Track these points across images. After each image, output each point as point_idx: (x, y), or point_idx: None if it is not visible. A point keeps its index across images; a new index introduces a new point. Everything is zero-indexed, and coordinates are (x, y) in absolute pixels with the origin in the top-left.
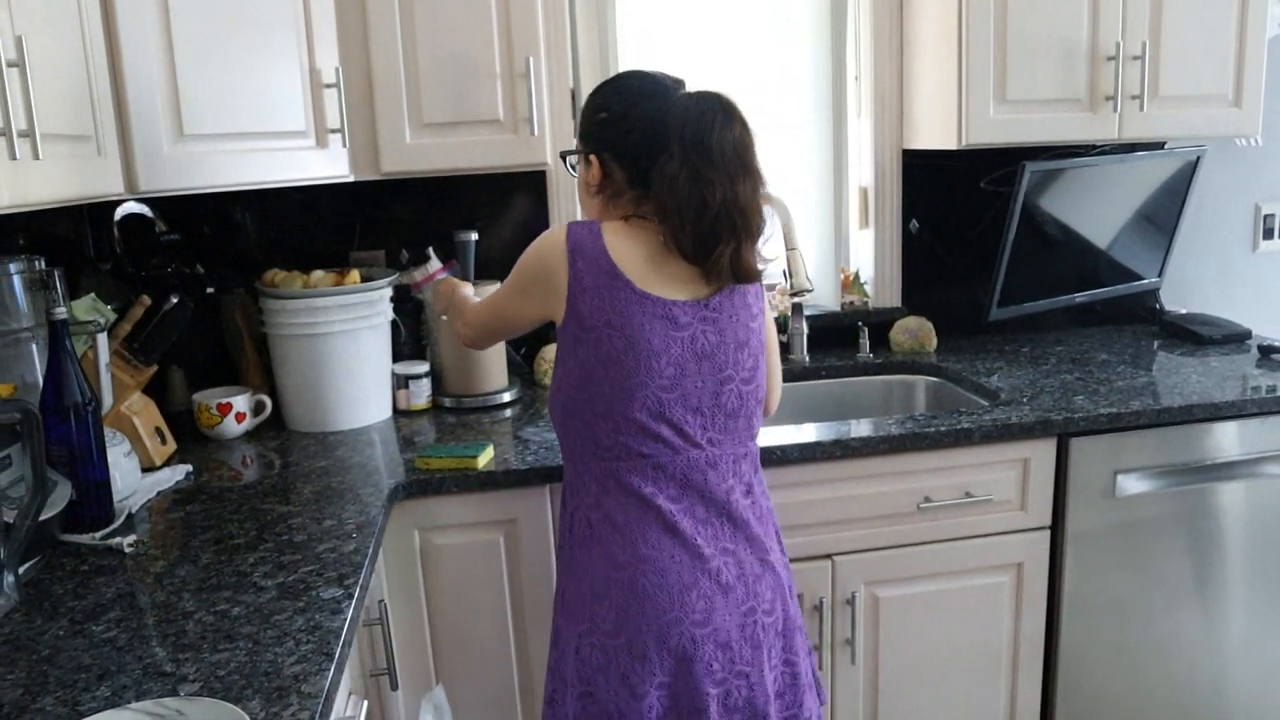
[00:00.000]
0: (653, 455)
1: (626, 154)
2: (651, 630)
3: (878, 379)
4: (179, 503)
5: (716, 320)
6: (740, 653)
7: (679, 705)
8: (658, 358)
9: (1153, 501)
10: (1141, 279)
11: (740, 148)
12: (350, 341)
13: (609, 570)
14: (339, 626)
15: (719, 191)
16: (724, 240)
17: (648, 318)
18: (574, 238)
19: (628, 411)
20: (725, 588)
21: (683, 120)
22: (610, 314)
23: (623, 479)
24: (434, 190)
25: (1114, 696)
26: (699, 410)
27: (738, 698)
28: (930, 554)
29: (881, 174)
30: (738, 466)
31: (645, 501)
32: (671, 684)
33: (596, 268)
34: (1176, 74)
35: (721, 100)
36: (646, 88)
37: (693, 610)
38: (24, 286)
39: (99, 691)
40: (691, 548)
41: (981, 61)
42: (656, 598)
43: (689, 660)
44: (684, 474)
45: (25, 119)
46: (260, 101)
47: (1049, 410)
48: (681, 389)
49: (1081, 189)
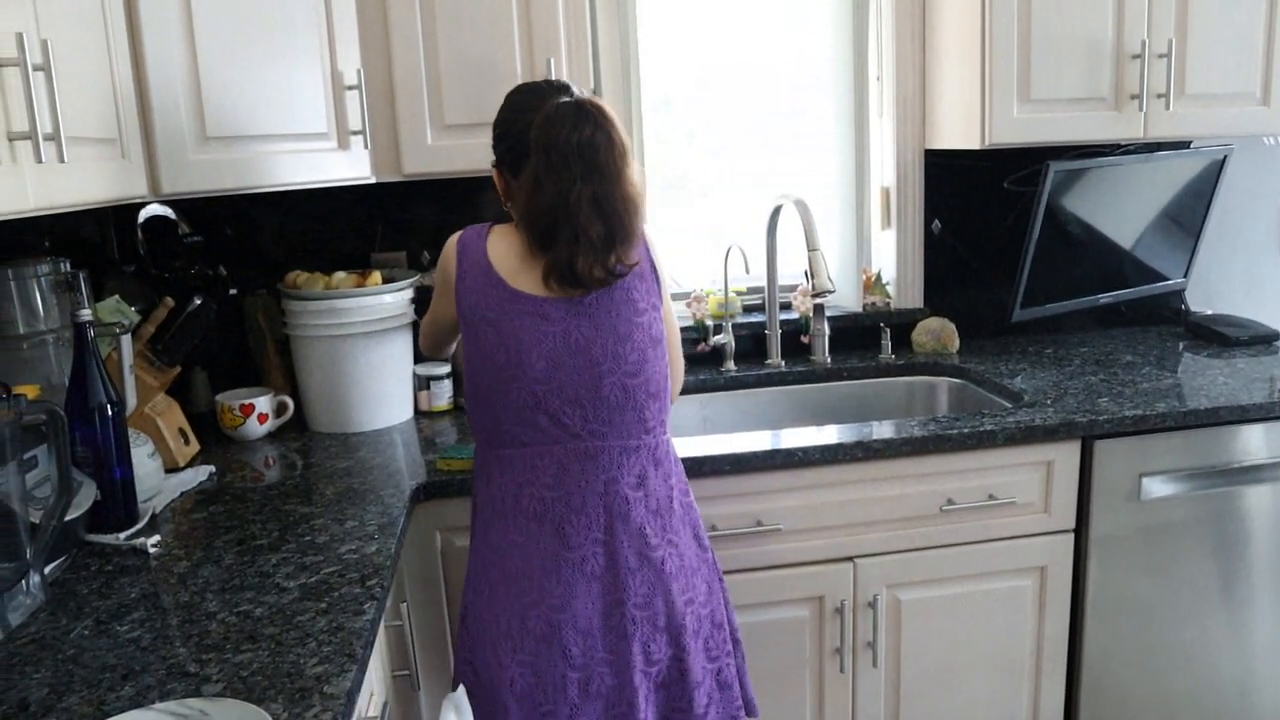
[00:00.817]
0: (531, 444)
1: (511, 164)
2: (514, 609)
3: (900, 380)
4: (202, 503)
5: (592, 315)
6: (604, 641)
7: (542, 682)
8: (528, 351)
9: (1178, 505)
10: (1167, 279)
11: (586, 149)
12: (372, 343)
13: (486, 550)
14: (361, 627)
15: (548, 195)
16: (558, 245)
17: (518, 314)
18: (463, 239)
19: (506, 401)
20: (590, 577)
21: (539, 125)
22: (485, 310)
23: (504, 465)
24: (455, 191)
25: (1138, 702)
26: (578, 402)
27: (600, 684)
28: (953, 557)
29: (904, 174)
30: (624, 459)
31: (520, 488)
32: (533, 662)
33: (476, 267)
34: (1203, 72)
35: (580, 104)
36: (525, 101)
37: (551, 595)
38: (50, 289)
39: (123, 691)
40: (560, 536)
41: (1005, 60)
42: (519, 580)
43: (547, 641)
44: (561, 463)
45: (51, 122)
46: (282, 104)
47: (1073, 412)
48: (556, 381)
49: (1106, 189)
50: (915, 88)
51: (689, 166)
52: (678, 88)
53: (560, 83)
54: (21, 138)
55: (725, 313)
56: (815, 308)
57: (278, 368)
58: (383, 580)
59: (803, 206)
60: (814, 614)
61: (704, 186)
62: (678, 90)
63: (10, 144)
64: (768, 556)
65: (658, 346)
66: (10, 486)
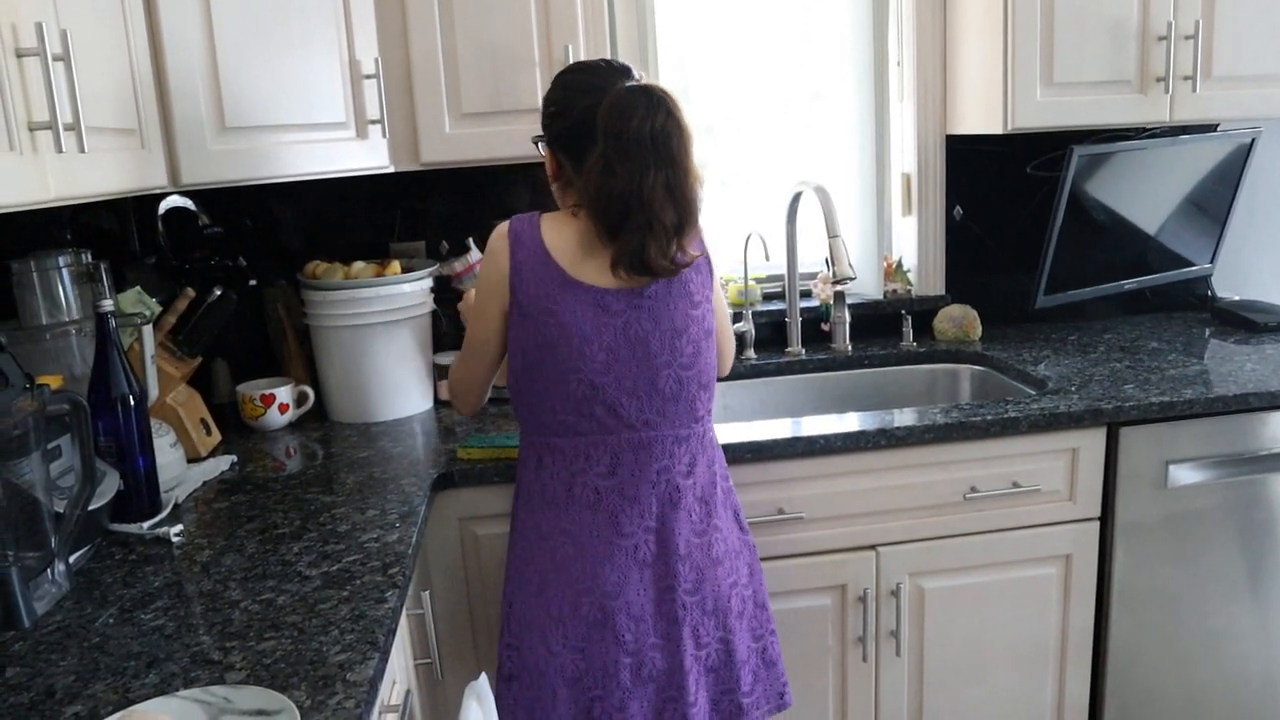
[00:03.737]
0: (586, 433)
1: (568, 146)
2: (566, 597)
3: (921, 368)
4: (224, 493)
5: (651, 308)
6: (655, 626)
7: (593, 668)
8: (589, 343)
9: (1205, 492)
10: (1193, 265)
11: (659, 137)
12: (391, 332)
13: (536, 539)
14: (384, 615)
15: (621, 182)
16: (629, 232)
17: (580, 304)
18: (514, 229)
19: (563, 391)
20: (642, 564)
21: (607, 112)
22: (544, 299)
23: (556, 454)
24: (473, 180)
25: (1164, 692)
26: (634, 393)
27: (652, 668)
28: (976, 545)
29: (924, 160)
30: (676, 448)
31: (574, 476)
32: (585, 648)
33: (533, 256)
34: (1231, 53)
35: (649, 91)
36: (587, 82)
37: (605, 582)
38: (72, 280)
39: (148, 679)
40: (614, 524)
41: (1028, 43)
42: (571, 568)
43: (599, 627)
44: (615, 453)
45: (71, 113)
46: (301, 93)
47: (1098, 399)
48: (615, 372)
49: (1131, 173)
50: (936, 72)
51: (707, 154)
52: (696, 74)
53: (620, 64)
54: (42, 127)
55: (745, 301)
56: (836, 295)
57: (298, 358)
58: (404, 568)
59: (823, 193)
60: (836, 603)
61: (723, 174)
62: (696, 77)
63: (31, 134)
64: (790, 545)
65: (709, 338)
66: (35, 476)
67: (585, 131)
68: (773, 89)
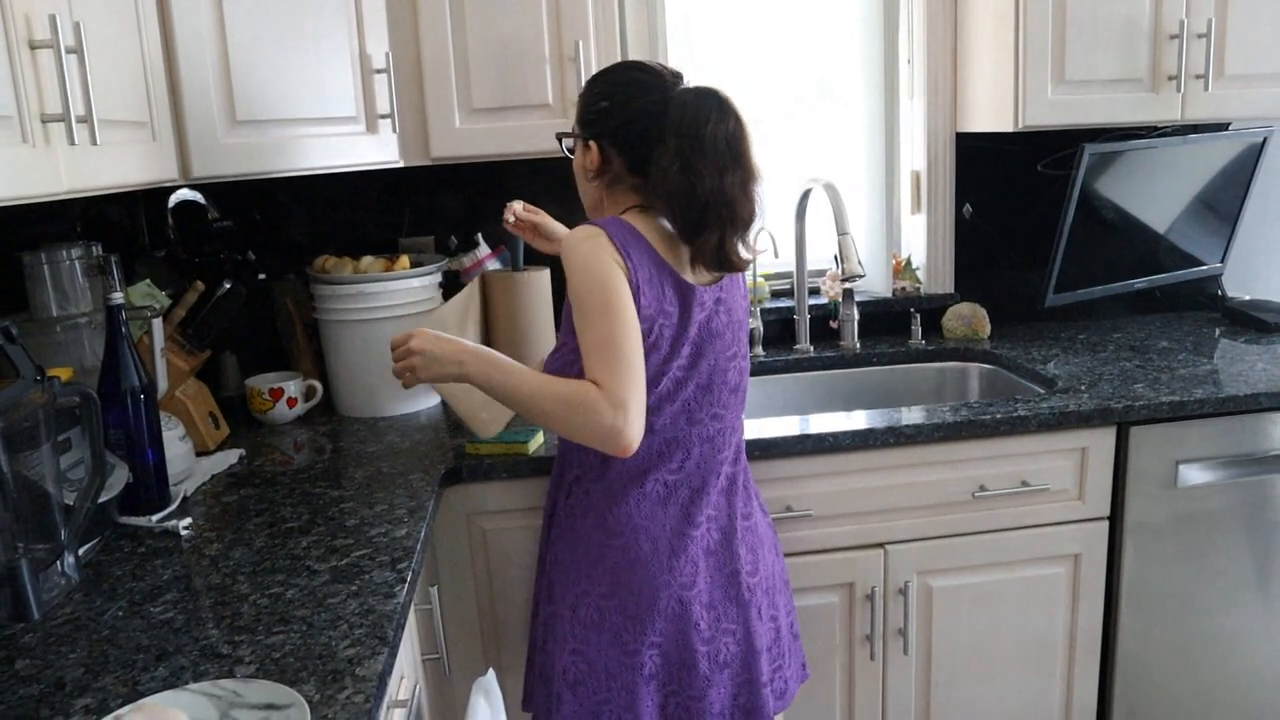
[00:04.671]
0: (661, 431)
1: (627, 143)
2: (644, 593)
3: (930, 366)
4: (232, 486)
5: (725, 302)
6: (726, 612)
7: (670, 662)
8: (684, 340)
9: (1216, 493)
10: (1203, 264)
11: (733, 140)
12: (400, 327)
13: (604, 537)
14: (392, 610)
15: (707, 182)
16: (710, 229)
17: (682, 301)
18: (617, 236)
19: (651, 390)
20: (709, 552)
21: (680, 114)
22: (664, 302)
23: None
24: (483, 175)
25: (1173, 692)
26: (709, 387)
27: (727, 654)
28: (985, 544)
29: (934, 157)
30: (731, 438)
31: (646, 472)
32: (663, 643)
33: (647, 260)
34: (1243, 52)
35: (719, 96)
36: (647, 80)
37: (681, 574)
38: (82, 273)
39: (157, 672)
40: (685, 516)
41: (1039, 40)
42: (648, 563)
43: (678, 620)
44: (686, 448)
45: (83, 105)
46: (311, 87)
47: (1108, 398)
48: (697, 368)
49: (1142, 172)
50: (946, 69)
51: None
52: (706, 71)
53: (672, 70)
54: (55, 120)
55: (754, 298)
56: (845, 292)
57: (306, 352)
58: (413, 563)
59: (832, 190)
60: (844, 600)
61: None
62: (706, 74)
63: (44, 126)
64: (798, 542)
65: None
66: (45, 468)
67: (647, 129)
68: (782, 85)
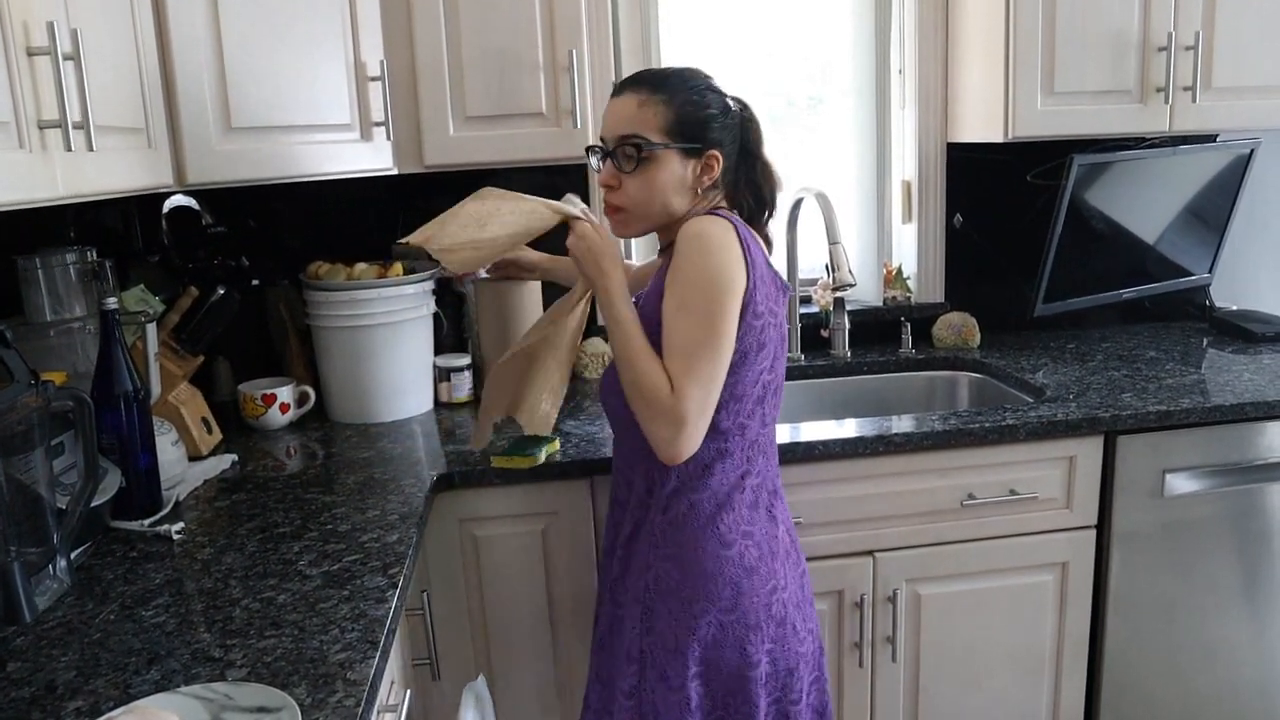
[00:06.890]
0: (753, 437)
1: (728, 148)
2: (760, 601)
3: (920, 375)
4: (225, 491)
5: (786, 305)
6: (805, 611)
7: (777, 668)
8: (783, 339)
9: (1202, 501)
10: (1191, 275)
11: None
12: (393, 334)
13: (719, 549)
14: (383, 615)
15: (778, 186)
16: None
17: (782, 302)
18: (742, 230)
19: (752, 394)
20: (787, 553)
21: (756, 126)
22: (772, 302)
23: (724, 457)
24: (476, 183)
25: (1160, 700)
26: (777, 388)
27: (814, 650)
28: (973, 552)
29: (925, 167)
30: (777, 439)
31: (742, 479)
32: (773, 649)
33: (761, 259)
34: (1231, 64)
35: None
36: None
37: (784, 578)
38: (76, 277)
39: (149, 675)
40: (772, 519)
41: (1029, 52)
42: (760, 570)
43: (786, 623)
44: (765, 451)
45: (80, 111)
46: (306, 95)
47: (1096, 407)
48: (774, 371)
49: (1130, 182)
50: (938, 80)
51: None
52: None
53: None
54: (51, 126)
55: None
56: (835, 301)
57: (299, 358)
58: (404, 568)
59: (823, 199)
60: (833, 608)
61: None
62: None
63: (41, 132)
64: None
65: None
66: (38, 472)
67: (738, 135)
68: (774, 95)
